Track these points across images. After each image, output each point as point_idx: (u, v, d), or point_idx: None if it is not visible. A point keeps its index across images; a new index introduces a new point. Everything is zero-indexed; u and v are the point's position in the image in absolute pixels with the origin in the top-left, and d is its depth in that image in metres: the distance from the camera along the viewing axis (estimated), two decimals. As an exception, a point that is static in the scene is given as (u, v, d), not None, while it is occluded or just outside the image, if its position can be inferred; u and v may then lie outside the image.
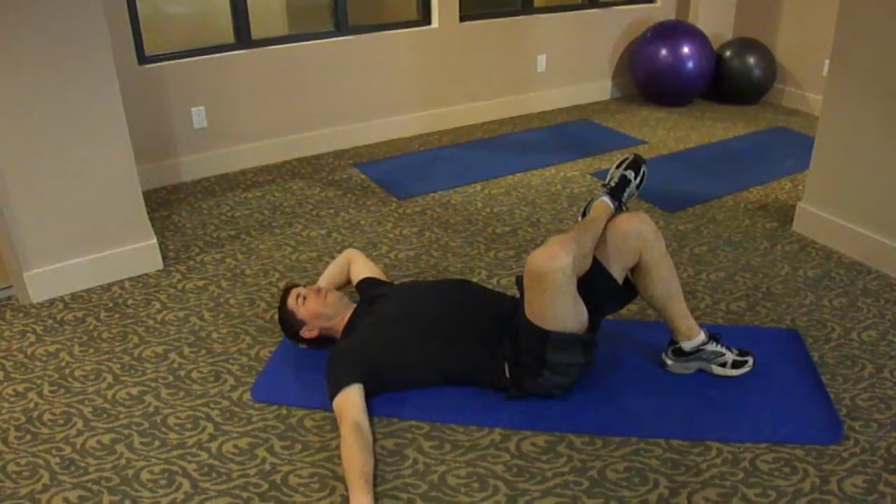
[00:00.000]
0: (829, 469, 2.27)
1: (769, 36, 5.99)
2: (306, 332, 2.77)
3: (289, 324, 2.81)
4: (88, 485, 2.25)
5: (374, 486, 2.21)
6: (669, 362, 2.71)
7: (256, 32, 4.67)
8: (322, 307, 2.76)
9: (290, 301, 2.81)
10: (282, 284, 3.37)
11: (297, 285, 2.90)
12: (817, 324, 3.04)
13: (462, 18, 5.35)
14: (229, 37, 4.64)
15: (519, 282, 2.53)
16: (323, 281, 3.14)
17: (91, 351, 2.93)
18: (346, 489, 2.18)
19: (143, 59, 4.33)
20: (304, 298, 2.78)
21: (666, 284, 2.58)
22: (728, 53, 5.91)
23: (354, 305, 2.84)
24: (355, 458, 2.22)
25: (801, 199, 3.83)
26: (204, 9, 4.92)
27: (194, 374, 2.78)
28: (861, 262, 3.50)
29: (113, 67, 3.15)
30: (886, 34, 3.21)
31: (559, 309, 2.34)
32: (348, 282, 3.15)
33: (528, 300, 2.38)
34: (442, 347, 2.57)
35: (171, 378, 2.76)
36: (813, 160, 3.71)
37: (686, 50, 5.69)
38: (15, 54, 2.91)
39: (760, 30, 6.05)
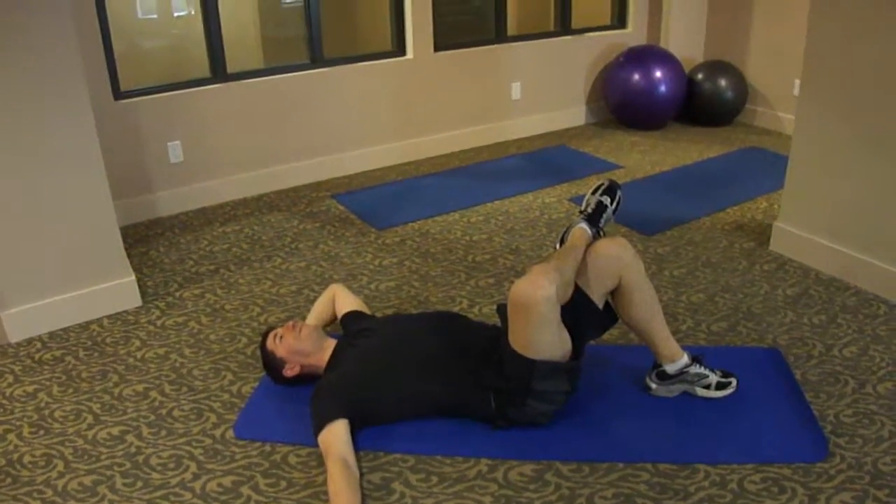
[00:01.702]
0: (816, 487, 2.27)
1: (739, 58, 6.07)
2: (288, 371, 2.75)
3: (270, 365, 2.79)
4: (70, 529, 2.22)
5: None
6: (654, 386, 2.71)
7: (232, 66, 4.68)
8: (298, 343, 2.74)
9: (269, 342, 2.79)
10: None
11: (274, 328, 2.87)
12: (798, 342, 3.06)
13: (436, 48, 5.38)
14: (205, 71, 4.65)
15: (501, 310, 2.53)
16: (310, 319, 3.12)
17: (70, 391, 2.89)
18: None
19: (118, 94, 4.32)
20: (281, 337, 2.76)
21: (647, 307, 2.59)
22: (700, 76, 5.98)
23: (335, 340, 2.82)
24: (343, 493, 2.19)
25: (777, 217, 3.87)
26: (179, 44, 4.93)
27: (176, 413, 2.74)
28: (838, 279, 3.53)
29: (88, 103, 3.13)
30: (855, 52, 3.26)
31: (544, 338, 2.34)
32: (335, 317, 3.13)
33: (512, 330, 2.38)
34: (426, 380, 2.56)
35: (152, 417, 2.72)
36: (787, 179, 3.76)
37: (658, 74, 5.75)
38: (-12, 94, 2.90)
39: (731, 52, 6.14)
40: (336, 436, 2.38)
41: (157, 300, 3.56)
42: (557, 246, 2.65)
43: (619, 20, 6.33)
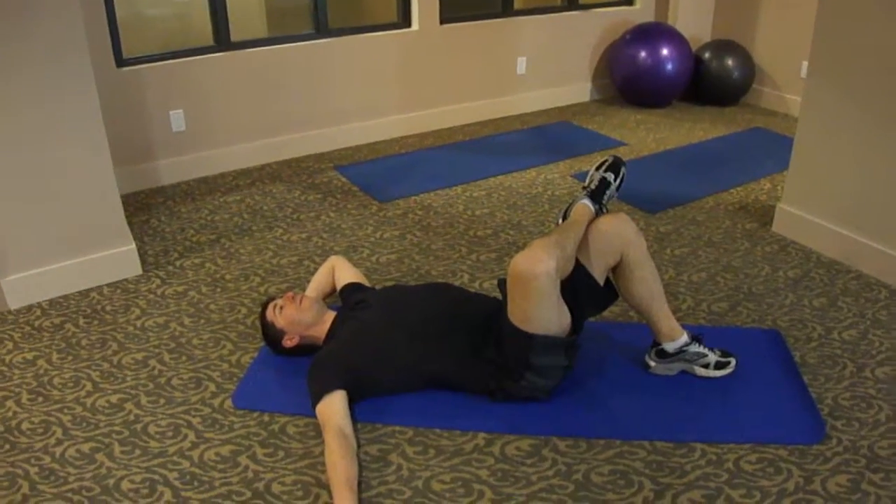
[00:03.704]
0: (812, 468, 2.27)
1: (747, 38, 6.02)
2: (287, 342, 2.75)
3: (270, 335, 2.79)
4: (69, 494, 2.22)
5: (359, 492, 2.19)
6: (652, 364, 2.71)
7: (236, 35, 4.64)
8: (298, 313, 2.74)
9: (269, 312, 2.79)
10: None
11: (274, 298, 2.87)
12: (798, 324, 3.06)
13: (442, 21, 5.34)
14: (208, 39, 4.61)
15: (501, 285, 2.53)
16: (310, 290, 3.12)
17: (70, 358, 2.90)
18: (331, 496, 2.16)
19: (121, 61, 4.29)
20: (281, 308, 2.76)
21: (648, 285, 2.59)
22: (707, 55, 5.94)
23: (334, 312, 2.82)
24: (340, 464, 2.20)
25: (781, 199, 3.85)
26: (182, 11, 4.89)
27: (175, 381, 2.75)
28: (840, 262, 3.52)
29: (90, 70, 3.11)
30: (864, 35, 3.23)
31: (543, 312, 2.34)
32: (335, 289, 3.13)
33: (511, 304, 2.38)
34: (424, 352, 2.56)
35: (151, 385, 2.73)
36: (792, 161, 3.74)
37: (665, 52, 5.71)
38: (-10, 58, 2.87)
39: (739, 32, 6.09)
40: (334, 407, 2.39)
41: (158, 269, 3.56)
42: (560, 221, 2.64)
43: (627, -4, 6.29)
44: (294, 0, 5.18)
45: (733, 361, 2.71)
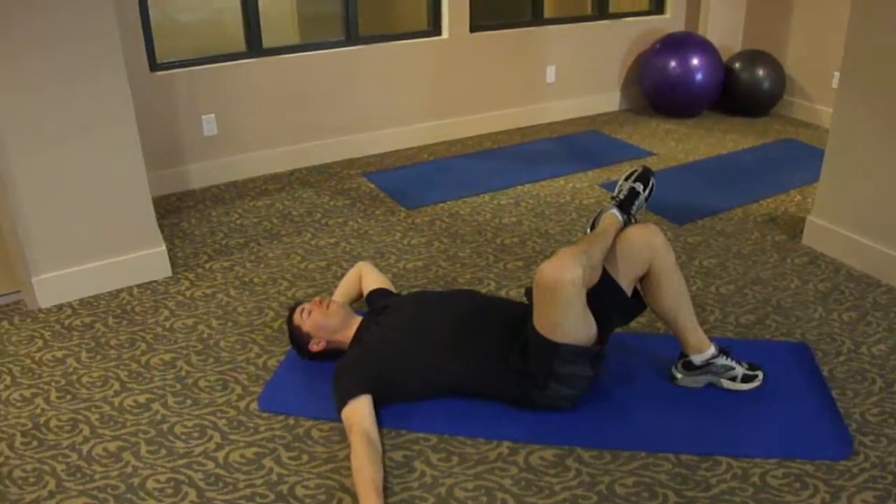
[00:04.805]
0: (839, 485, 2.25)
1: (779, 48, 5.98)
2: (314, 346, 2.76)
3: (296, 339, 2.81)
4: (94, 492, 2.25)
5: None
6: (679, 376, 2.70)
7: (268, 41, 4.69)
8: (325, 319, 2.75)
9: (296, 317, 2.81)
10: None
11: (301, 303, 2.89)
12: (827, 338, 3.02)
13: (472, 29, 5.35)
14: (240, 45, 4.66)
15: (528, 294, 2.53)
16: (336, 295, 3.14)
17: (98, 357, 2.93)
18: (357, 500, 2.17)
19: (154, 66, 4.35)
20: (309, 312, 2.78)
21: (676, 297, 2.57)
22: (737, 65, 5.90)
23: (360, 317, 2.83)
24: (366, 468, 2.21)
25: (811, 211, 3.82)
26: (215, 17, 4.94)
27: (201, 383, 2.77)
28: (871, 276, 3.48)
29: (125, 74, 3.15)
30: (898, 48, 3.20)
31: (569, 321, 2.33)
32: (361, 294, 3.14)
33: (537, 312, 2.38)
34: (450, 358, 2.56)
35: (178, 386, 2.75)
36: (823, 172, 3.70)
37: (695, 62, 5.69)
38: (27, 60, 2.92)
39: (770, 42, 6.04)
40: (359, 411, 2.40)
41: (187, 271, 3.59)
42: (588, 231, 2.63)
43: (657, 6, 6.26)
44: (326, 7, 5.22)
45: (760, 375, 2.69)
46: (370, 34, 5.07)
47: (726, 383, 2.67)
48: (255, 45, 4.65)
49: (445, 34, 5.28)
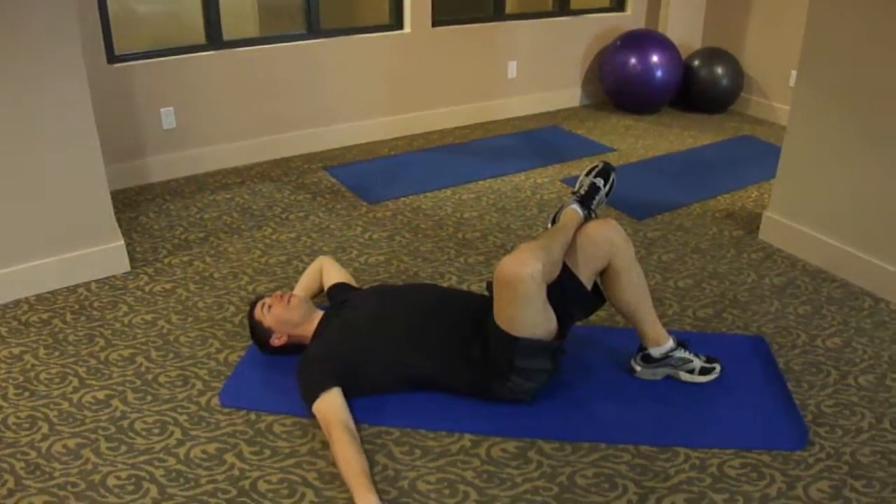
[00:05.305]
0: (795, 474, 2.30)
1: (737, 46, 6.07)
2: (275, 340, 2.75)
3: (257, 334, 2.79)
4: (54, 490, 2.22)
5: (352, 490, 2.18)
6: (638, 368, 2.73)
7: (228, 34, 4.65)
8: (287, 313, 2.74)
9: (257, 311, 2.79)
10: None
11: (262, 297, 2.87)
12: (783, 331, 3.08)
13: (434, 24, 5.35)
14: (200, 37, 4.61)
15: (490, 287, 2.54)
16: (298, 290, 3.12)
17: (56, 353, 2.89)
18: (348, 490, 2.18)
19: (112, 58, 4.28)
20: (270, 307, 2.76)
21: (635, 290, 2.61)
22: (696, 63, 5.98)
23: (321, 311, 2.82)
24: (353, 459, 2.21)
25: (767, 207, 3.88)
26: (174, 8, 4.88)
27: (162, 379, 2.75)
28: (825, 270, 3.55)
29: (83, 65, 3.11)
30: (853, 45, 3.27)
31: (529, 315, 2.35)
32: (322, 289, 3.13)
33: (497, 306, 2.39)
34: (411, 351, 2.57)
35: (138, 382, 2.73)
36: (779, 169, 3.77)
37: (655, 59, 5.75)
38: (-19, 52, 2.87)
39: (728, 40, 6.13)
40: (334, 403, 2.40)
41: (146, 266, 3.55)
42: (549, 226, 2.65)
43: (618, 3, 6.31)
44: (286, 0, 5.18)
45: (718, 367, 2.73)
46: (332, 27, 5.05)
47: (684, 376, 2.71)
48: (214, 38, 4.61)
49: (408, 28, 5.27)
